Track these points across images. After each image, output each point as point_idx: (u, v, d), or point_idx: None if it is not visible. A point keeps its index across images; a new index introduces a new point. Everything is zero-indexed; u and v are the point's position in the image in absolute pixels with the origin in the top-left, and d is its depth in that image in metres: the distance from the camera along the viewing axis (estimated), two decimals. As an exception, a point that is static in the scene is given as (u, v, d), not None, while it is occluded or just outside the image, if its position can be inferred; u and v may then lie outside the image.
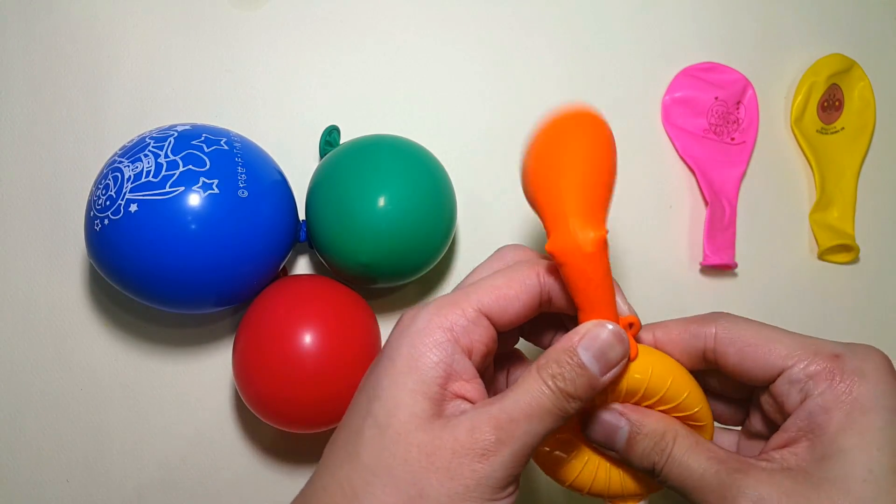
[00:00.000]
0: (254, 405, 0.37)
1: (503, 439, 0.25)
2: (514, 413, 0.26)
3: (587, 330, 0.27)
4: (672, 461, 0.27)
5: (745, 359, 0.28)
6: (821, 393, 0.26)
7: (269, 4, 0.47)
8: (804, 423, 0.26)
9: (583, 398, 0.26)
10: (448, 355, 0.27)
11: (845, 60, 0.50)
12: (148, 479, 0.42)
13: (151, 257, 0.34)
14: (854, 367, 0.26)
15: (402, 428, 0.26)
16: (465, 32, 0.48)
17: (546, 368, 0.26)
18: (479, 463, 0.25)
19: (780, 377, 0.27)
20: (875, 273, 0.48)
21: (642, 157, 0.48)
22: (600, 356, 0.27)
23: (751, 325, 0.29)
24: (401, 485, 0.25)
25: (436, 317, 0.27)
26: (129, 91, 0.45)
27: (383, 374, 0.27)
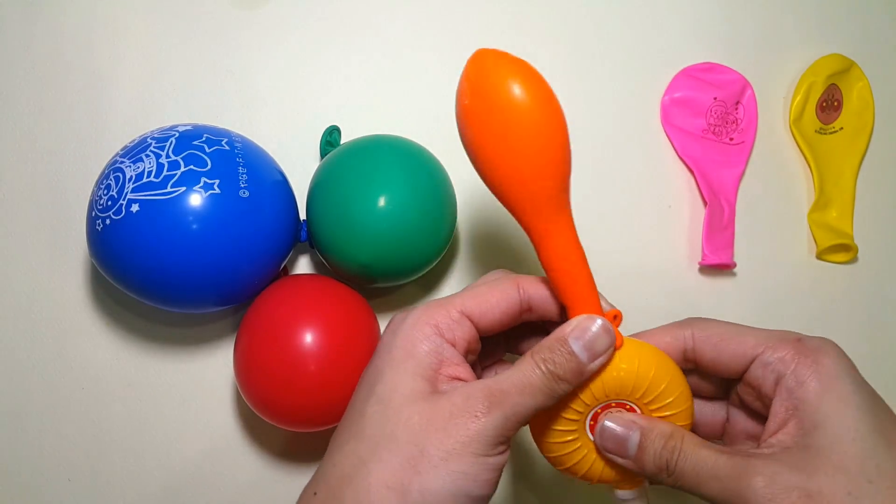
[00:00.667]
0: (255, 404, 0.37)
1: (494, 404, 0.28)
2: (506, 386, 0.29)
3: (578, 322, 0.30)
4: (684, 456, 0.29)
5: (720, 352, 0.31)
6: (793, 371, 0.29)
7: (269, 4, 0.47)
8: (787, 403, 0.29)
9: (570, 381, 0.29)
10: (437, 345, 0.30)
11: (844, 60, 0.50)
12: (149, 478, 0.42)
13: (153, 257, 0.34)
14: (814, 345, 0.30)
15: (404, 400, 0.29)
16: (465, 32, 0.48)
17: (539, 353, 0.30)
18: (473, 420, 0.28)
19: (753, 364, 0.30)
20: (874, 273, 0.49)
21: (641, 157, 0.48)
22: (589, 346, 0.30)
23: (721, 323, 0.32)
24: (403, 446, 0.28)
25: (423, 315, 0.31)
26: (130, 91, 0.45)
27: (383, 363, 0.31)
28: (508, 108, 0.29)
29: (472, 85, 0.29)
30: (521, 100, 0.29)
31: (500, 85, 0.29)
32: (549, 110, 0.29)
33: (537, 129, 0.29)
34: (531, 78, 0.29)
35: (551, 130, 0.29)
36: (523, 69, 0.30)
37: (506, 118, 0.29)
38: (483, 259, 0.46)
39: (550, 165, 0.30)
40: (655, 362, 0.31)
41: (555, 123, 0.30)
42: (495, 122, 0.29)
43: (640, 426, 0.31)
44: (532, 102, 0.29)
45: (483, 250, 0.46)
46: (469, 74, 0.30)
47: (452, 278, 0.45)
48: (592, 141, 0.48)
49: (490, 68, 0.29)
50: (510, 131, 0.29)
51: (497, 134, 0.29)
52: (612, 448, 0.31)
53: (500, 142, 0.29)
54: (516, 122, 0.29)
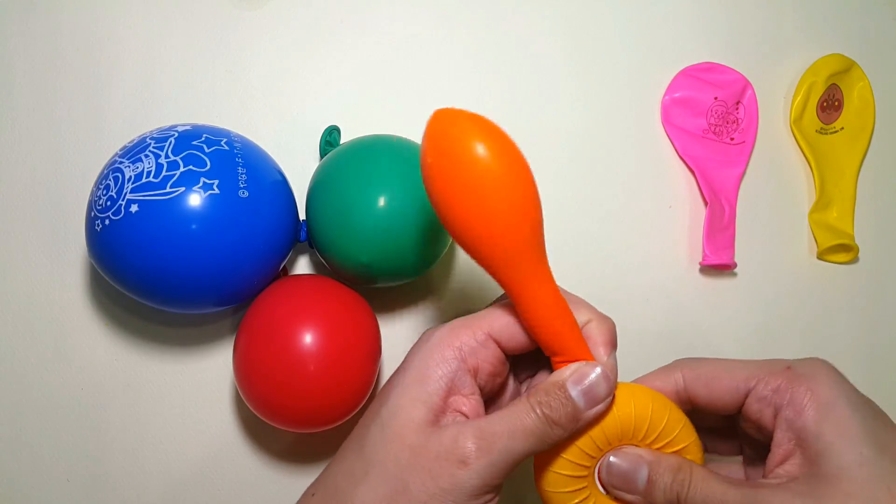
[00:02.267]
0: (254, 405, 0.37)
1: (482, 449, 0.28)
2: (497, 428, 0.29)
3: (577, 368, 0.30)
4: (694, 489, 0.29)
5: (713, 390, 0.31)
6: (789, 401, 0.29)
7: (269, 4, 0.47)
8: (789, 434, 0.29)
9: (566, 427, 0.29)
10: (452, 371, 0.30)
11: (845, 60, 0.50)
12: (148, 478, 0.42)
13: (152, 257, 0.34)
14: (805, 372, 0.30)
15: (400, 429, 0.29)
16: (465, 32, 0.48)
17: (535, 396, 0.29)
18: (458, 469, 0.28)
19: (748, 399, 0.30)
20: (874, 273, 0.49)
21: (642, 157, 0.48)
22: (587, 392, 0.29)
23: (709, 361, 0.32)
24: (389, 478, 0.29)
25: (447, 336, 0.31)
26: (129, 91, 0.45)
27: (395, 383, 0.31)
28: (470, 166, 0.28)
29: (433, 144, 0.29)
30: (481, 157, 0.28)
31: (459, 143, 0.28)
32: (512, 165, 0.29)
33: (501, 185, 0.28)
34: (491, 135, 0.29)
35: (516, 185, 0.29)
36: (482, 127, 0.29)
37: (468, 176, 0.28)
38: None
39: (519, 220, 0.29)
40: (650, 401, 0.31)
41: (519, 178, 0.29)
42: (458, 181, 0.28)
43: (647, 461, 0.30)
44: (493, 159, 0.28)
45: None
46: (429, 134, 0.29)
47: (452, 278, 0.45)
48: (592, 141, 0.48)
49: (449, 128, 0.29)
50: (474, 189, 0.28)
51: (461, 191, 0.28)
52: (619, 484, 0.31)
53: (466, 199, 0.28)
54: (479, 179, 0.28)
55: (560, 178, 0.47)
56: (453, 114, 0.29)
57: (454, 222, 0.29)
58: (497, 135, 0.29)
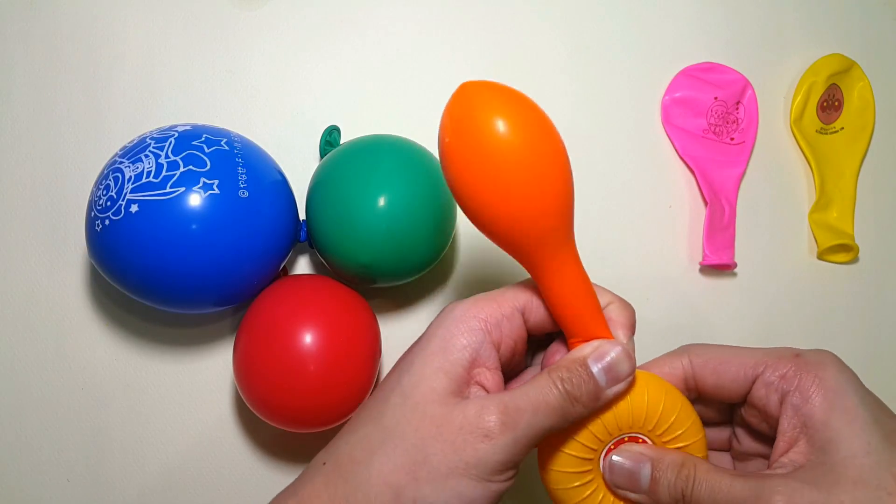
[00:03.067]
0: (254, 405, 0.37)
1: (507, 424, 0.27)
2: (521, 403, 0.28)
3: (598, 345, 0.29)
4: (700, 484, 0.29)
5: (721, 376, 0.31)
6: (796, 387, 0.29)
7: (269, 4, 0.47)
8: (795, 421, 0.28)
9: (586, 404, 0.29)
10: (477, 342, 0.29)
11: (845, 60, 0.50)
12: (148, 478, 0.42)
13: (152, 257, 0.34)
14: (813, 360, 0.29)
15: (422, 398, 0.28)
16: (465, 32, 0.48)
17: (557, 372, 0.29)
18: (482, 443, 0.27)
19: (755, 385, 0.30)
20: (874, 273, 0.49)
21: (642, 157, 0.48)
22: (609, 370, 0.29)
23: (717, 347, 0.32)
24: (410, 448, 0.28)
25: (472, 307, 0.30)
26: (129, 91, 0.45)
27: (417, 353, 0.30)
28: (492, 147, 0.26)
29: (454, 121, 0.27)
30: (507, 136, 0.26)
31: (484, 120, 0.26)
32: (542, 144, 0.27)
33: (528, 167, 0.26)
34: (521, 110, 0.27)
35: (545, 166, 0.27)
36: (512, 101, 0.27)
37: (491, 157, 0.26)
38: (483, 259, 0.46)
39: (548, 204, 0.27)
40: (664, 392, 0.30)
41: (549, 157, 0.27)
42: (480, 162, 0.26)
43: (649, 457, 0.30)
44: (520, 137, 0.26)
45: (483, 250, 0.46)
46: (451, 110, 0.27)
47: (452, 278, 0.45)
48: (593, 141, 0.48)
49: (474, 102, 0.27)
50: (498, 171, 0.26)
51: (484, 174, 0.27)
52: (623, 483, 0.30)
53: (488, 183, 0.27)
54: (504, 160, 0.26)
55: (560, 178, 0.47)
56: (478, 87, 0.27)
57: (474, 206, 0.28)
58: (525, 109, 0.27)
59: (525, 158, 0.27)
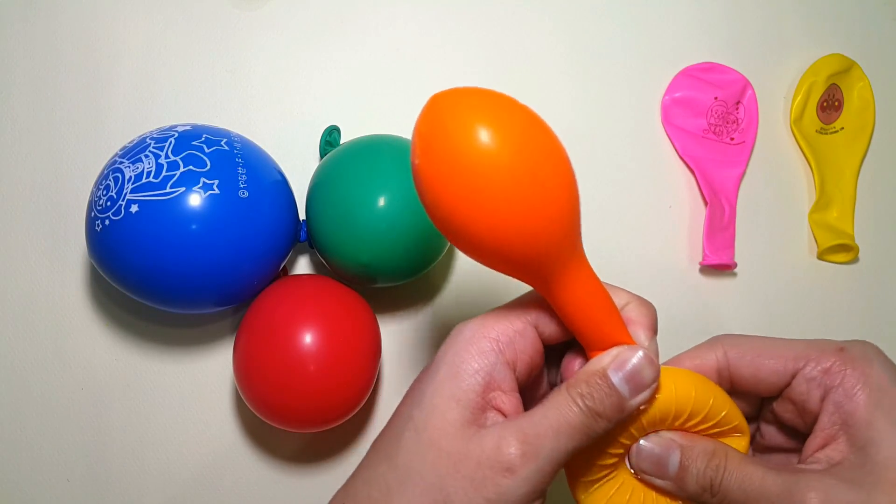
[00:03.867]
0: (254, 405, 0.37)
1: (528, 454, 0.26)
2: (542, 428, 0.26)
3: (617, 353, 0.27)
4: (730, 475, 0.27)
5: (758, 369, 0.29)
6: (840, 383, 0.27)
7: (269, 4, 0.47)
8: (836, 417, 0.27)
9: (611, 418, 0.27)
10: (490, 364, 0.27)
11: (845, 60, 0.50)
12: (148, 478, 0.42)
13: (152, 258, 0.34)
14: (859, 355, 0.28)
15: (436, 434, 0.26)
16: (465, 32, 0.48)
17: (575, 387, 0.27)
18: (504, 478, 0.25)
19: (796, 379, 0.29)
20: (874, 273, 0.48)
21: (642, 157, 0.48)
22: (630, 379, 0.27)
23: (753, 338, 0.30)
24: (429, 489, 0.26)
25: (482, 327, 0.28)
26: (129, 91, 0.45)
27: (427, 381, 0.28)
28: (475, 161, 0.22)
29: (424, 138, 0.23)
30: (490, 147, 0.22)
31: (461, 132, 0.22)
32: (534, 150, 0.24)
33: (521, 180, 0.23)
34: (504, 114, 0.23)
35: (542, 176, 0.24)
36: (492, 105, 0.23)
37: (473, 173, 0.23)
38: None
39: (551, 219, 0.24)
40: (693, 383, 0.29)
41: (545, 164, 0.24)
42: (460, 181, 0.23)
43: (679, 444, 0.29)
44: (507, 147, 0.23)
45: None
46: (421, 127, 0.24)
47: (452, 278, 0.45)
48: (592, 141, 0.48)
49: (447, 113, 0.23)
50: (484, 190, 0.23)
51: (466, 196, 0.23)
52: (649, 469, 0.29)
53: (473, 205, 0.23)
54: (489, 175, 0.23)
55: (560, 178, 0.47)
56: (449, 96, 0.23)
57: (464, 236, 0.24)
58: (508, 113, 0.24)
59: (516, 171, 0.23)
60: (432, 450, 0.26)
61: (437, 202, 0.24)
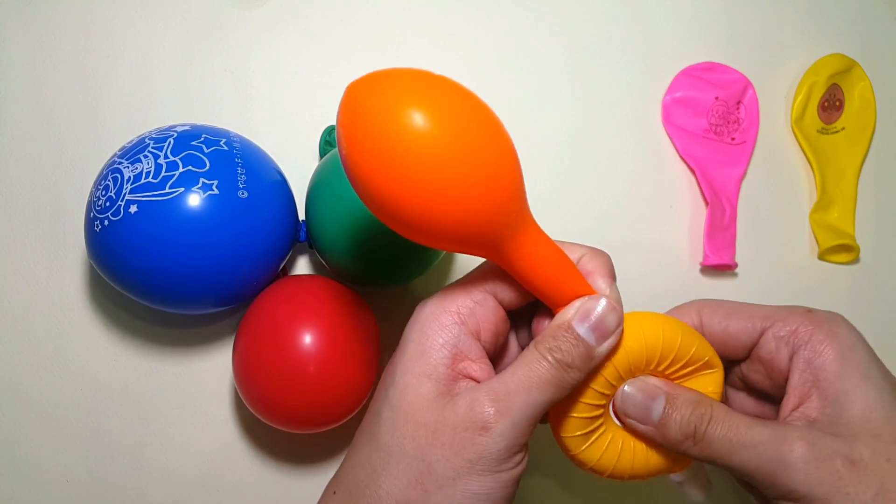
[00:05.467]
0: (253, 405, 0.37)
1: (501, 410, 0.26)
2: (512, 385, 0.27)
3: (581, 304, 0.28)
4: (715, 423, 0.28)
5: (729, 325, 0.31)
6: (808, 341, 0.29)
7: (269, 4, 0.47)
8: (807, 375, 0.28)
9: (581, 368, 0.27)
10: (454, 336, 0.28)
11: (846, 60, 0.50)
12: (148, 479, 0.42)
13: (151, 258, 0.34)
14: (825, 316, 0.29)
15: (411, 409, 0.27)
16: (465, 32, 0.48)
17: (543, 343, 0.28)
18: (480, 436, 0.26)
19: (763, 337, 0.30)
20: (875, 273, 0.48)
21: (642, 157, 0.48)
22: (595, 327, 0.28)
23: (726, 301, 0.32)
24: (411, 462, 0.27)
25: (442, 302, 0.29)
26: (128, 91, 0.45)
27: (398, 362, 0.29)
28: (401, 141, 0.22)
29: (346, 126, 0.23)
30: (415, 127, 0.22)
31: (385, 115, 0.22)
32: (463, 121, 0.23)
33: (452, 155, 0.22)
34: (425, 91, 0.23)
35: (476, 147, 0.23)
36: (410, 83, 0.23)
37: (400, 153, 0.22)
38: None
39: (494, 193, 0.24)
40: (660, 323, 0.29)
41: (478, 134, 0.23)
42: (390, 163, 0.22)
43: (664, 392, 0.29)
44: (433, 123, 0.22)
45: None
46: (342, 116, 0.23)
47: (452, 278, 0.45)
48: (593, 141, 0.48)
49: (365, 99, 0.23)
50: (413, 169, 0.22)
51: (398, 178, 0.22)
52: (632, 413, 0.29)
53: (406, 188, 0.23)
54: (416, 154, 0.22)
55: (560, 178, 0.47)
56: (367, 82, 0.23)
57: (403, 220, 0.24)
58: (429, 88, 0.23)
59: (444, 148, 0.22)
60: (409, 424, 0.27)
61: (368, 190, 0.24)
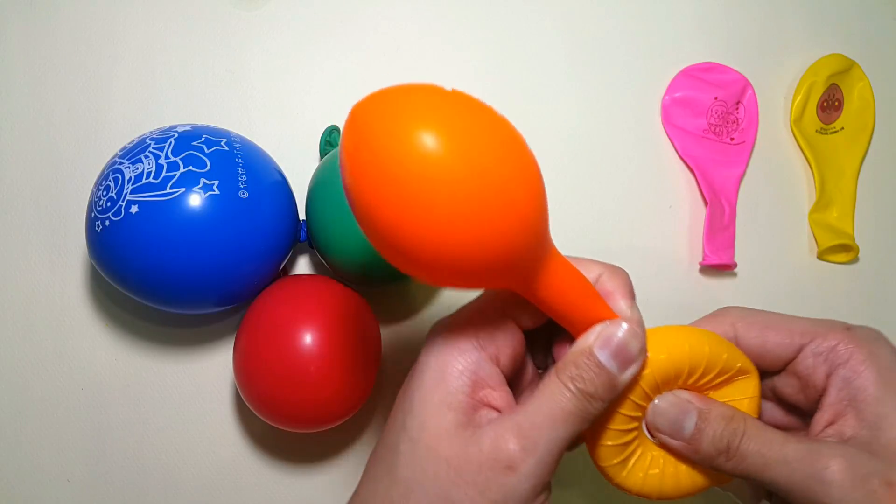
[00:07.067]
0: (254, 405, 0.37)
1: (527, 448, 0.25)
2: (537, 419, 0.26)
3: (601, 330, 0.27)
4: (748, 439, 0.27)
5: (766, 340, 0.30)
6: (847, 360, 0.28)
7: (269, 4, 0.47)
8: (843, 394, 0.28)
9: (604, 398, 0.26)
10: (473, 362, 0.27)
11: (845, 60, 0.50)
12: (148, 478, 0.42)
13: (152, 258, 0.34)
14: (865, 335, 0.29)
15: (432, 442, 0.26)
16: (465, 32, 0.48)
17: (565, 371, 0.26)
18: (506, 476, 0.25)
19: (802, 353, 0.29)
20: (874, 273, 0.48)
21: (642, 157, 0.48)
22: (617, 354, 0.26)
23: (761, 312, 0.31)
24: (433, 500, 0.25)
25: (459, 325, 0.27)
26: (129, 92, 0.45)
27: (415, 389, 0.27)
28: (412, 177, 0.19)
29: (351, 157, 0.20)
30: (427, 157, 0.19)
31: (392, 145, 0.19)
32: (482, 149, 0.20)
33: (469, 189, 0.20)
34: (441, 113, 0.20)
35: (498, 177, 0.20)
36: (424, 106, 0.20)
37: (414, 191, 0.19)
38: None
39: (516, 222, 0.21)
40: (685, 338, 0.28)
41: (504, 162, 0.21)
42: (400, 199, 0.20)
43: (697, 407, 0.28)
44: (453, 149, 0.19)
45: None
46: (346, 143, 0.21)
47: (452, 279, 0.45)
48: (593, 141, 0.48)
49: (373, 125, 0.20)
50: (428, 207, 0.20)
51: (410, 212, 0.20)
52: (664, 428, 0.28)
53: (420, 221, 0.20)
54: (429, 192, 0.19)
55: (560, 178, 0.47)
56: (373, 103, 0.20)
57: (411, 262, 0.22)
58: (444, 114, 0.20)
59: (463, 177, 0.20)
60: (431, 459, 0.26)
61: (377, 226, 0.21)
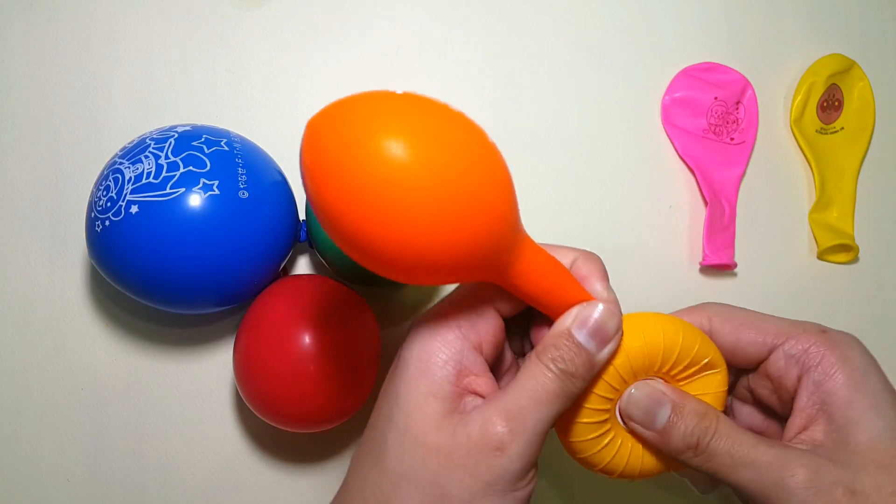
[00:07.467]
0: (254, 405, 0.37)
1: (515, 430, 0.26)
2: (522, 401, 0.26)
3: (578, 311, 0.28)
4: (719, 437, 0.28)
5: (740, 337, 0.30)
6: (819, 363, 0.28)
7: (270, 4, 0.47)
8: (815, 397, 0.28)
9: (585, 376, 0.27)
10: (457, 351, 0.27)
11: (845, 60, 0.50)
12: (148, 478, 0.42)
13: (152, 258, 0.34)
14: (839, 339, 0.29)
15: (420, 431, 0.26)
16: (465, 32, 0.48)
17: (545, 353, 0.27)
18: (496, 458, 0.26)
19: (774, 353, 0.29)
20: (874, 273, 0.49)
21: (642, 157, 0.48)
22: (595, 334, 0.27)
23: (739, 309, 0.31)
24: (425, 487, 0.26)
25: (442, 317, 0.28)
26: (129, 91, 0.45)
27: (399, 379, 0.28)
28: (374, 187, 0.20)
29: (311, 173, 0.20)
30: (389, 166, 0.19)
31: (352, 158, 0.20)
32: (445, 150, 0.21)
33: (434, 192, 0.20)
34: (398, 120, 0.20)
35: (463, 177, 0.21)
36: (381, 114, 0.21)
37: (376, 200, 0.20)
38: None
39: (485, 222, 0.22)
40: (682, 327, 0.29)
41: (469, 162, 0.21)
42: (361, 210, 0.20)
43: (671, 400, 0.29)
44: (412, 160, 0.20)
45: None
46: (305, 160, 0.21)
47: (452, 279, 0.45)
48: (593, 141, 0.48)
49: (330, 139, 0.20)
50: (393, 214, 0.20)
51: (372, 223, 0.20)
52: (637, 417, 0.29)
53: (384, 230, 0.20)
54: (394, 200, 0.20)
55: (560, 179, 0.47)
56: (328, 116, 0.21)
57: (380, 265, 0.22)
58: (401, 120, 0.21)
59: (428, 181, 0.20)
60: (420, 448, 0.26)
61: (347, 237, 0.22)
